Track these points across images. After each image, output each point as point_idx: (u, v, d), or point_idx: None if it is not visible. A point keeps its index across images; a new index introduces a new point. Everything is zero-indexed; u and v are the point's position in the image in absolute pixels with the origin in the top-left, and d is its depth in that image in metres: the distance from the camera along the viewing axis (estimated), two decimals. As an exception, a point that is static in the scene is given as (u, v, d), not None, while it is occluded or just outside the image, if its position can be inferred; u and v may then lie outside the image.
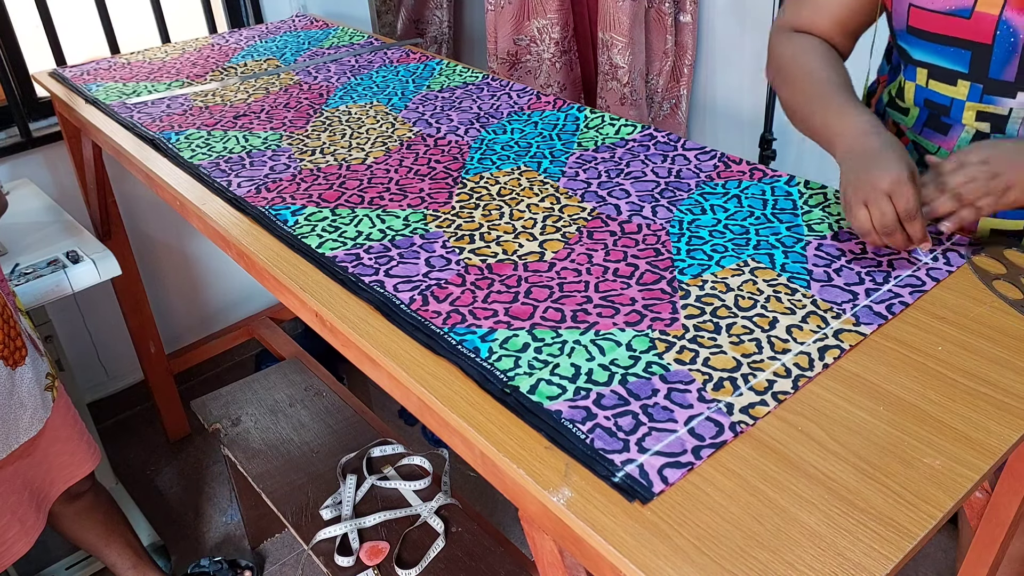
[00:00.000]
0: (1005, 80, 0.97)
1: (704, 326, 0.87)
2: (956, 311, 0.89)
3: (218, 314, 2.44)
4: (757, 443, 0.73)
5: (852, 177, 0.93)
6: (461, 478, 2.02)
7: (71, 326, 2.11)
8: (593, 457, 0.71)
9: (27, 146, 1.91)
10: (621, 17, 2.17)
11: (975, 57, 0.98)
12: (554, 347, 0.85)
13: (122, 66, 1.80)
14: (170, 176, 1.29)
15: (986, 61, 0.97)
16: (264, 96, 1.59)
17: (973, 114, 1.02)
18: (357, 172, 1.26)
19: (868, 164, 0.92)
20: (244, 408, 1.79)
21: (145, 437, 2.28)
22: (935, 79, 1.03)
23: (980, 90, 0.99)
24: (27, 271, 1.53)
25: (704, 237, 1.03)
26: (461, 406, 0.78)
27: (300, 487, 1.58)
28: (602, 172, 1.21)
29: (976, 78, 0.99)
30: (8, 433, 1.23)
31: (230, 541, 1.94)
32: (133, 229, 2.11)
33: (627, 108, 2.29)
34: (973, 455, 0.71)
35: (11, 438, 1.24)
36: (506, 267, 0.99)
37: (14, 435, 1.24)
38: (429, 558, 1.40)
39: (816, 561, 0.62)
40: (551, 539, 0.74)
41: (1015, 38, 0.94)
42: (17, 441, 1.25)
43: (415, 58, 1.76)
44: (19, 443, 1.25)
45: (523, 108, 1.46)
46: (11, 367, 1.22)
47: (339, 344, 0.96)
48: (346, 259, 1.02)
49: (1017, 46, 0.94)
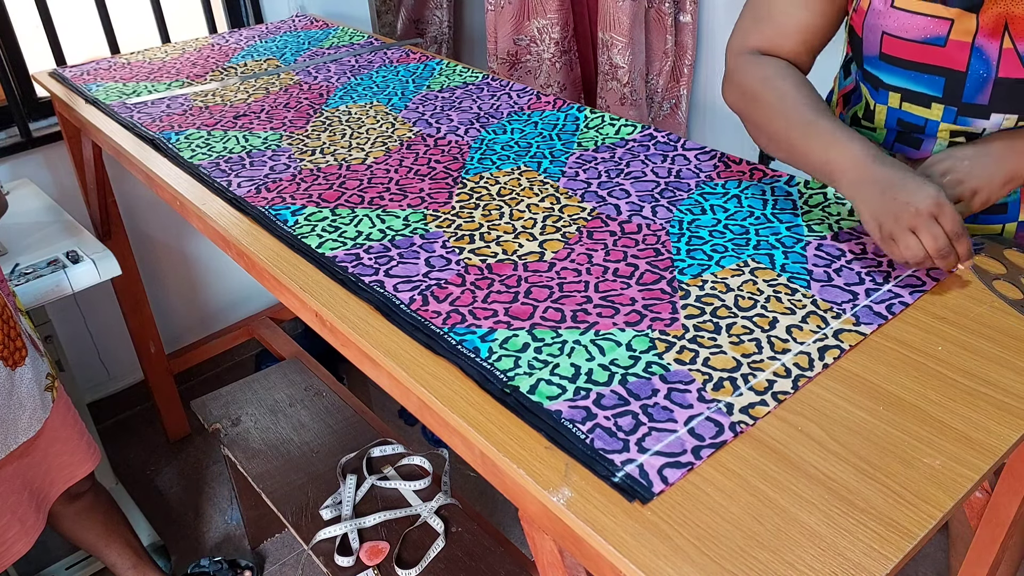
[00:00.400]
0: (979, 104, 0.97)
1: (704, 326, 0.87)
2: (956, 311, 0.89)
3: (218, 314, 2.44)
4: (757, 443, 0.73)
5: (880, 207, 0.88)
6: (461, 478, 2.02)
7: (71, 326, 2.11)
8: (593, 457, 0.71)
9: (27, 146, 1.91)
10: (621, 17, 2.17)
11: (949, 83, 0.97)
12: (554, 347, 0.85)
13: (122, 66, 1.80)
14: (170, 176, 1.29)
15: (960, 87, 0.97)
16: (264, 96, 1.59)
17: (948, 133, 1.02)
18: (357, 172, 1.26)
19: (895, 191, 0.88)
20: (244, 408, 1.79)
21: (145, 437, 2.28)
22: (908, 102, 1.02)
23: (954, 112, 0.99)
24: (27, 271, 1.53)
25: (704, 237, 1.03)
26: (461, 406, 0.78)
27: (300, 487, 1.58)
28: (602, 172, 1.21)
29: (950, 102, 0.99)
30: (7, 433, 1.23)
31: (230, 541, 1.94)
32: (133, 229, 2.11)
33: (627, 108, 2.29)
34: (973, 455, 0.71)
35: (9, 438, 1.24)
36: (506, 267, 0.99)
37: (12, 435, 1.24)
38: (429, 558, 1.40)
39: (816, 561, 0.62)
40: (551, 539, 0.74)
41: (988, 65, 0.94)
42: (16, 441, 1.25)
43: (415, 58, 1.76)
44: (17, 443, 1.25)
45: (523, 108, 1.46)
46: (11, 367, 1.22)
47: (339, 344, 0.96)
48: (346, 259, 1.02)
49: (990, 72, 0.94)
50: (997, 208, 1.06)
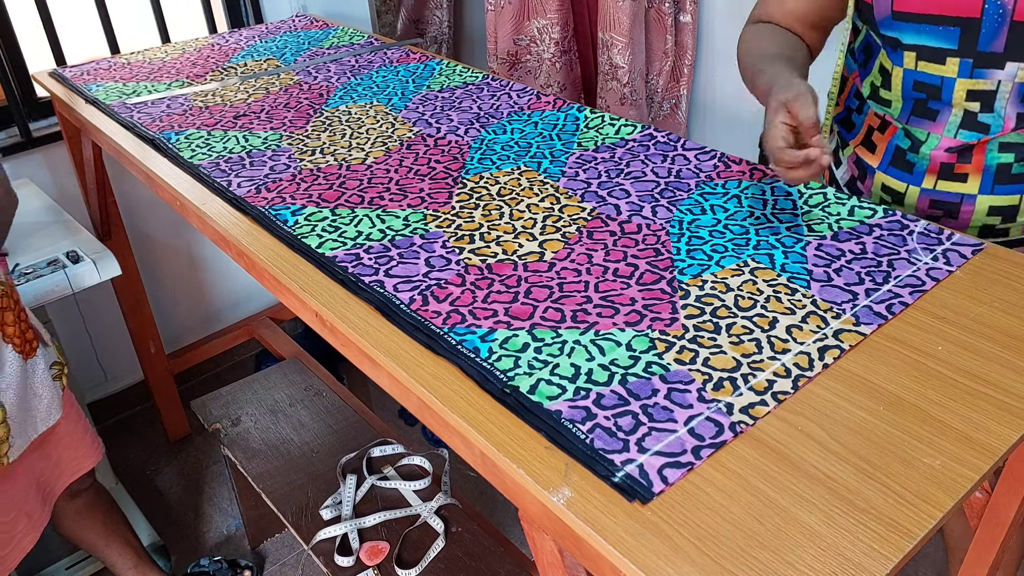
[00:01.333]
0: (994, 52, 0.99)
1: (704, 326, 0.87)
2: (956, 311, 0.89)
3: (218, 314, 2.44)
4: (757, 443, 0.73)
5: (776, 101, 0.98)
6: (461, 478, 2.02)
7: (71, 326, 2.11)
8: (593, 457, 0.71)
9: (27, 146, 1.91)
10: (621, 17, 2.17)
11: (964, 32, 1.00)
12: (554, 347, 0.85)
13: (122, 66, 1.80)
14: (170, 176, 1.29)
15: (975, 35, 0.99)
16: (264, 96, 1.59)
17: (963, 93, 1.04)
18: (357, 172, 1.26)
19: (775, 91, 0.99)
20: (244, 408, 1.79)
21: (145, 437, 2.28)
22: (924, 59, 1.05)
23: (970, 65, 1.02)
24: (27, 271, 1.53)
25: (704, 237, 1.03)
26: (461, 406, 0.78)
27: (300, 487, 1.58)
28: (602, 172, 1.21)
29: (965, 53, 1.01)
30: (26, 424, 1.23)
31: (230, 541, 1.94)
32: (133, 229, 2.11)
33: (627, 108, 2.29)
34: (973, 455, 0.71)
35: (29, 428, 1.24)
36: (506, 267, 0.99)
37: (32, 426, 1.24)
38: (429, 558, 1.40)
39: (816, 561, 0.62)
40: (551, 539, 0.74)
41: (1003, 8, 0.96)
42: (36, 431, 1.25)
43: (415, 58, 1.76)
44: (37, 433, 1.26)
45: (523, 108, 1.46)
46: (24, 358, 1.22)
47: (339, 344, 0.96)
48: (346, 259, 1.02)
49: (1006, 16, 0.96)
50: (1015, 178, 1.08)
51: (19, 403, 1.21)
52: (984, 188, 1.08)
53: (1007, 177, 1.07)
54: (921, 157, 1.11)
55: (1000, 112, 1.03)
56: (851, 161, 1.21)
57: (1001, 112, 1.03)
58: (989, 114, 1.04)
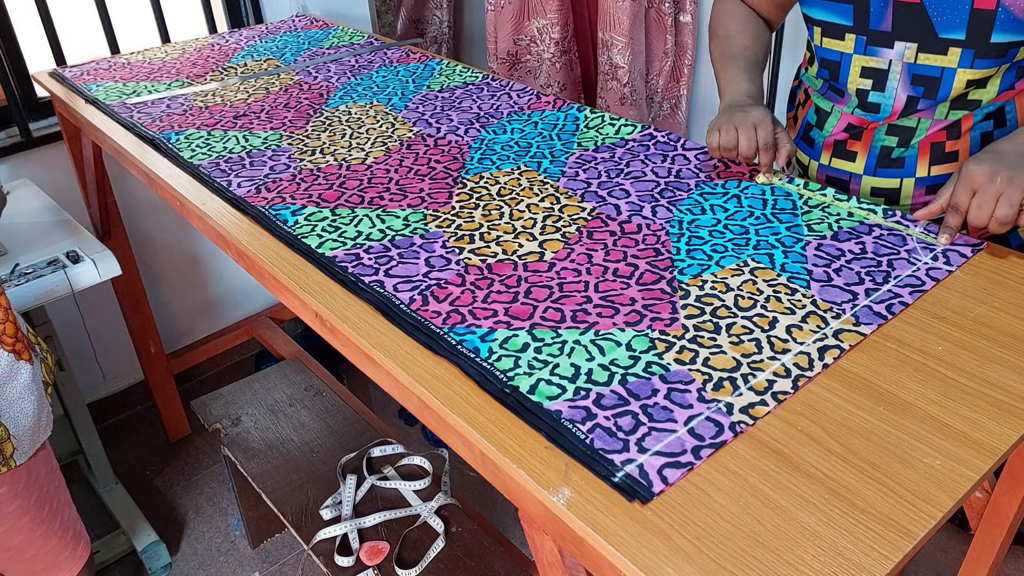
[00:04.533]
0: (883, 31, 1.07)
1: (704, 326, 0.87)
2: (956, 311, 0.89)
3: (218, 314, 2.44)
4: (757, 443, 0.73)
5: (725, 116, 1.11)
6: (461, 478, 2.02)
7: (71, 326, 2.11)
8: (593, 457, 0.71)
9: (27, 146, 1.91)
10: (621, 17, 2.17)
11: (856, 9, 1.08)
12: (554, 347, 0.85)
13: (122, 66, 1.80)
14: (170, 176, 1.29)
15: (865, 12, 1.07)
16: (264, 96, 1.59)
17: (859, 70, 1.12)
18: (357, 172, 1.26)
19: (739, 109, 1.12)
20: (244, 408, 1.79)
21: (145, 437, 2.28)
22: (827, 36, 1.14)
23: (864, 42, 1.09)
24: (27, 271, 1.53)
25: (704, 237, 1.03)
26: (461, 406, 0.78)
27: (300, 487, 1.58)
28: (602, 172, 1.21)
29: (859, 30, 1.09)
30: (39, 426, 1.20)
31: (230, 541, 1.94)
32: (133, 229, 2.11)
33: (627, 108, 2.29)
34: (973, 455, 0.71)
35: (40, 432, 1.21)
36: (506, 267, 0.99)
37: (44, 429, 1.21)
38: (429, 558, 1.40)
39: (816, 561, 0.62)
40: (551, 539, 0.74)
41: None
42: (41, 437, 1.22)
43: (415, 58, 1.76)
44: (40, 441, 1.23)
45: (523, 108, 1.46)
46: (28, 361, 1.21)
47: (339, 344, 0.96)
48: (346, 259, 1.02)
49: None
50: (894, 162, 1.14)
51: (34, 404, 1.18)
52: (868, 169, 1.16)
53: (887, 160, 1.14)
54: (825, 133, 1.21)
55: (891, 93, 1.09)
56: None
57: (892, 93, 1.09)
58: (880, 93, 1.11)
